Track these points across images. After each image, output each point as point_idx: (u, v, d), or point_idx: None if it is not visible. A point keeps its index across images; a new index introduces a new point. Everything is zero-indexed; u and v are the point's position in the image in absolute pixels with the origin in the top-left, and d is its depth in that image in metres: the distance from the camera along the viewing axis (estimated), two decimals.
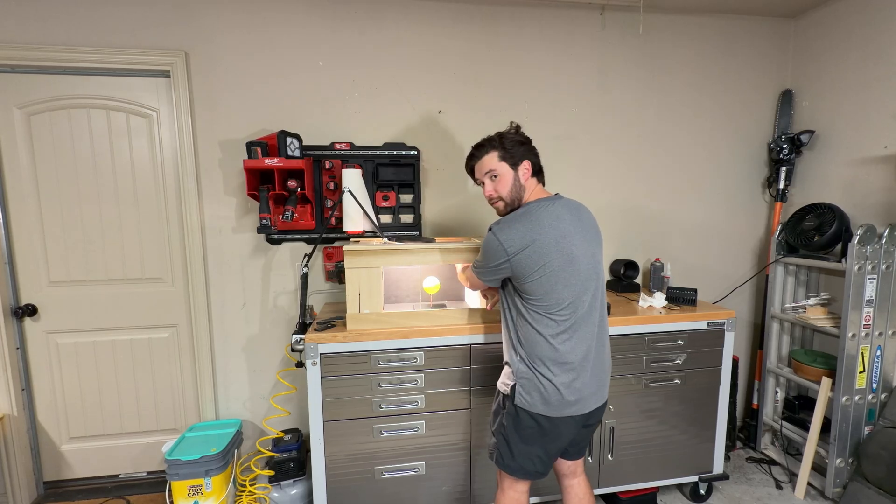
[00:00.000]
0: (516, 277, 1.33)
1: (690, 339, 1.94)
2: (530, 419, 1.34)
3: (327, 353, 1.69)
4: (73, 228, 2.07)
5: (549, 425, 1.34)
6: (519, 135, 1.45)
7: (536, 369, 1.32)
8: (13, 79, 1.97)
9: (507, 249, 1.30)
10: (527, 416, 1.34)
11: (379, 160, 2.14)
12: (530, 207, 1.35)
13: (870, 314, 1.95)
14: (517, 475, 1.41)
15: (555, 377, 1.31)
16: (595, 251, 1.37)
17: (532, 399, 1.33)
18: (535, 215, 1.32)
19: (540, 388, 1.32)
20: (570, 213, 1.35)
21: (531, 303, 1.32)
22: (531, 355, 1.33)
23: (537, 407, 1.32)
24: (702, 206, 2.51)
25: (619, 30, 2.31)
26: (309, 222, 2.06)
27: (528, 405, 1.33)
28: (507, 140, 1.42)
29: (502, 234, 1.31)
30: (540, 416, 1.33)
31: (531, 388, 1.33)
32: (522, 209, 1.36)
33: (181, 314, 2.20)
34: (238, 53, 2.05)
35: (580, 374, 1.32)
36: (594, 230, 1.40)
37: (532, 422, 1.34)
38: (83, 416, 2.18)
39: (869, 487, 1.89)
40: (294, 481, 1.97)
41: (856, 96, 2.16)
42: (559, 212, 1.33)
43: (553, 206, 1.35)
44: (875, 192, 2.10)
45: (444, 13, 2.17)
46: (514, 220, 1.33)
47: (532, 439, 1.36)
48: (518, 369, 1.36)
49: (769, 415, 2.43)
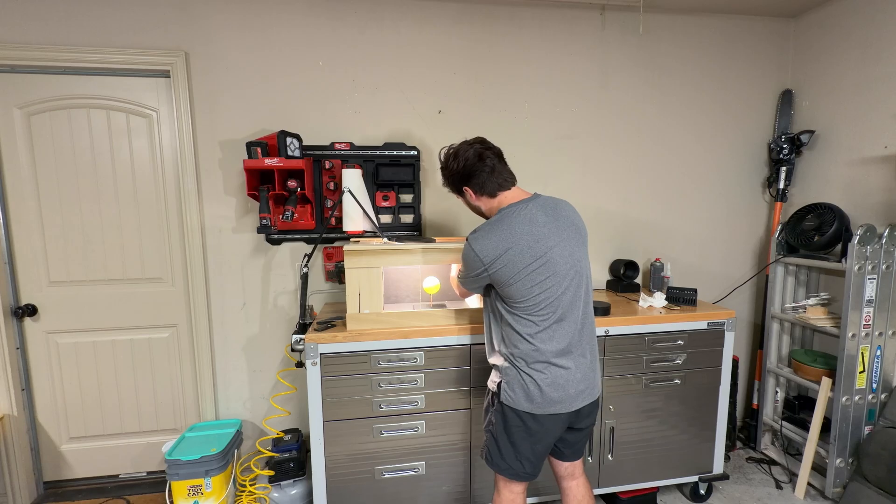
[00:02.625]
0: (496, 283, 1.34)
1: (690, 339, 1.94)
2: (516, 417, 1.35)
3: (327, 353, 1.69)
4: (73, 228, 2.07)
5: (534, 423, 1.35)
6: (447, 167, 1.45)
7: (519, 367, 1.34)
8: (13, 79, 1.97)
9: (482, 259, 1.31)
10: (512, 414, 1.36)
11: (379, 160, 2.14)
12: (503, 214, 1.35)
13: (870, 314, 1.95)
14: (506, 475, 1.42)
15: (537, 374, 1.32)
16: (574, 249, 1.35)
17: (516, 396, 1.34)
18: (508, 222, 1.32)
19: (523, 386, 1.33)
20: (545, 214, 1.34)
21: (511, 304, 1.33)
22: (513, 354, 1.35)
23: (521, 404, 1.34)
24: (702, 206, 2.51)
25: (619, 30, 2.31)
26: (309, 222, 2.06)
27: (513, 402, 1.35)
28: (444, 174, 1.47)
29: (477, 244, 1.33)
30: (524, 414, 1.34)
31: (515, 385, 1.34)
32: (496, 216, 1.37)
33: (181, 314, 2.20)
34: (238, 53, 2.05)
35: (563, 371, 1.33)
36: (573, 227, 1.37)
37: (517, 420, 1.35)
38: (83, 416, 2.18)
39: (869, 487, 1.89)
40: (294, 481, 1.97)
41: (856, 96, 2.16)
42: (533, 214, 1.33)
43: (527, 209, 1.34)
44: (875, 192, 2.10)
45: (444, 13, 2.17)
46: (487, 230, 1.34)
47: (518, 437, 1.37)
48: (502, 367, 1.38)
49: (769, 415, 2.43)
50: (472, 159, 1.39)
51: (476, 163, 1.39)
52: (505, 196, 1.41)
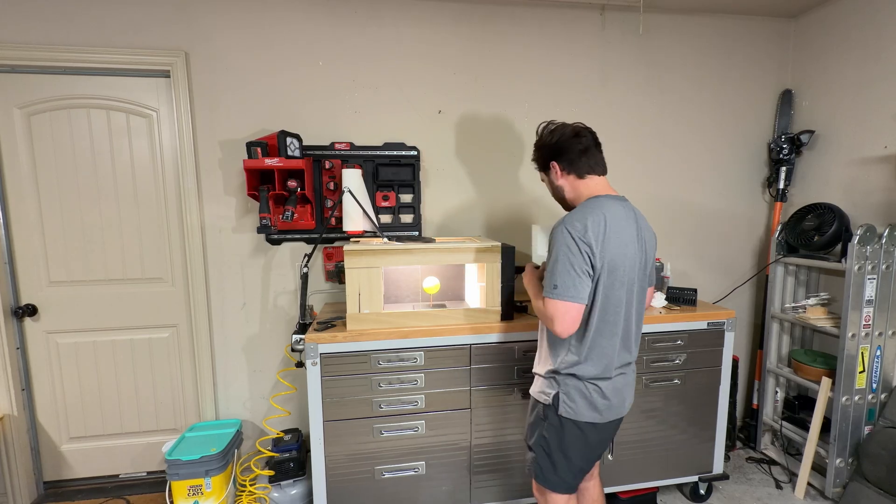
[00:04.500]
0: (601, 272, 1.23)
1: (690, 339, 1.94)
2: (576, 429, 1.28)
3: (327, 353, 1.69)
4: (73, 228, 2.07)
5: (594, 433, 1.29)
6: (541, 138, 1.40)
7: (582, 375, 1.26)
8: (13, 79, 1.96)
9: (592, 237, 1.19)
10: (572, 427, 1.28)
11: (379, 160, 2.14)
12: (600, 202, 1.26)
13: (870, 314, 1.95)
14: (559, 490, 1.35)
15: (601, 381, 1.26)
16: (645, 257, 1.32)
17: (578, 407, 1.26)
18: (609, 209, 1.24)
19: (586, 395, 1.26)
20: (636, 220, 1.31)
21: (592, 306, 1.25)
22: (576, 361, 1.27)
23: (584, 415, 1.26)
24: (701, 206, 2.51)
25: (619, 30, 2.31)
26: (309, 222, 2.06)
27: (575, 414, 1.27)
28: (535, 146, 1.41)
29: (577, 224, 1.20)
30: (586, 425, 1.28)
31: (576, 395, 1.26)
32: (591, 203, 1.27)
33: (181, 314, 2.20)
34: (238, 53, 2.05)
35: (622, 375, 1.30)
36: (651, 241, 1.36)
37: (577, 431, 1.28)
38: (83, 416, 2.18)
39: (869, 487, 1.89)
40: (294, 481, 1.97)
41: (856, 96, 2.16)
42: (628, 213, 1.28)
43: (624, 206, 1.28)
44: (875, 192, 2.10)
45: (443, 12, 2.17)
46: (580, 213, 1.24)
47: (575, 450, 1.31)
48: (561, 377, 1.29)
49: (769, 415, 2.43)
50: (568, 135, 1.33)
51: (571, 138, 1.32)
52: (593, 182, 1.34)
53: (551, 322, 1.21)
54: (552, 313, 1.20)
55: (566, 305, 1.19)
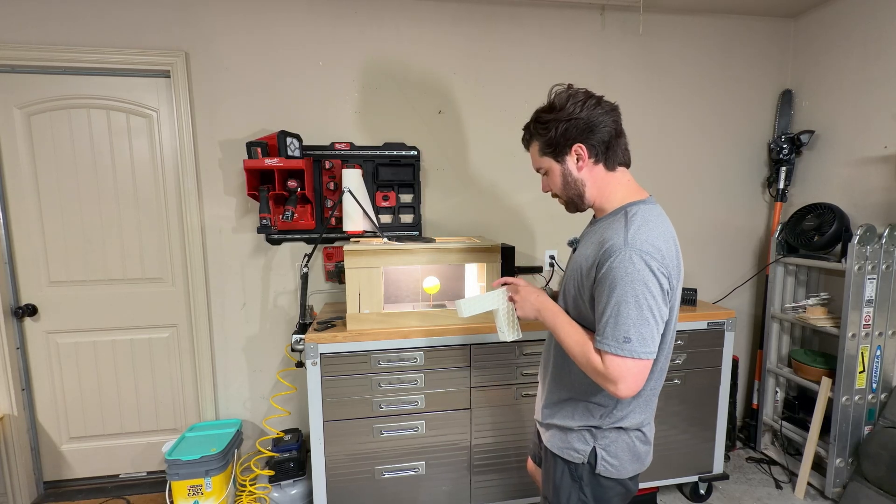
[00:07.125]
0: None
1: (690, 339, 1.94)
2: (618, 486, 1.06)
3: (327, 353, 1.69)
4: (73, 228, 2.07)
5: (633, 484, 1.09)
6: (562, 108, 0.98)
7: (629, 426, 1.04)
8: (13, 79, 1.96)
9: (667, 272, 0.91)
10: (615, 485, 1.06)
11: (379, 160, 2.14)
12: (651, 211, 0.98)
13: (870, 314, 1.95)
14: None
15: (643, 426, 1.06)
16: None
17: (621, 462, 1.04)
18: (663, 222, 0.97)
19: (630, 445, 1.05)
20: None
21: None
22: (620, 406, 1.03)
23: (628, 470, 1.05)
24: (701, 206, 2.51)
25: (619, 30, 2.31)
26: (309, 222, 2.06)
27: (618, 472, 1.04)
28: (540, 122, 1.02)
29: (651, 250, 0.89)
30: (629, 480, 1.07)
31: (620, 448, 1.04)
32: (638, 213, 0.96)
33: (181, 314, 2.20)
34: (238, 53, 2.05)
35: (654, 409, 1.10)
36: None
37: (620, 488, 1.07)
38: (83, 416, 2.18)
39: (869, 487, 1.89)
40: (294, 481, 1.97)
41: (856, 96, 2.16)
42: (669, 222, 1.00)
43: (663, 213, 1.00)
44: (875, 192, 2.10)
45: (443, 12, 2.17)
46: (646, 232, 0.92)
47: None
48: (602, 431, 1.05)
49: (769, 415, 2.43)
50: (606, 109, 0.98)
51: (606, 114, 0.98)
52: (625, 178, 1.04)
53: (614, 384, 0.91)
54: (618, 374, 0.90)
55: (639, 365, 0.90)
